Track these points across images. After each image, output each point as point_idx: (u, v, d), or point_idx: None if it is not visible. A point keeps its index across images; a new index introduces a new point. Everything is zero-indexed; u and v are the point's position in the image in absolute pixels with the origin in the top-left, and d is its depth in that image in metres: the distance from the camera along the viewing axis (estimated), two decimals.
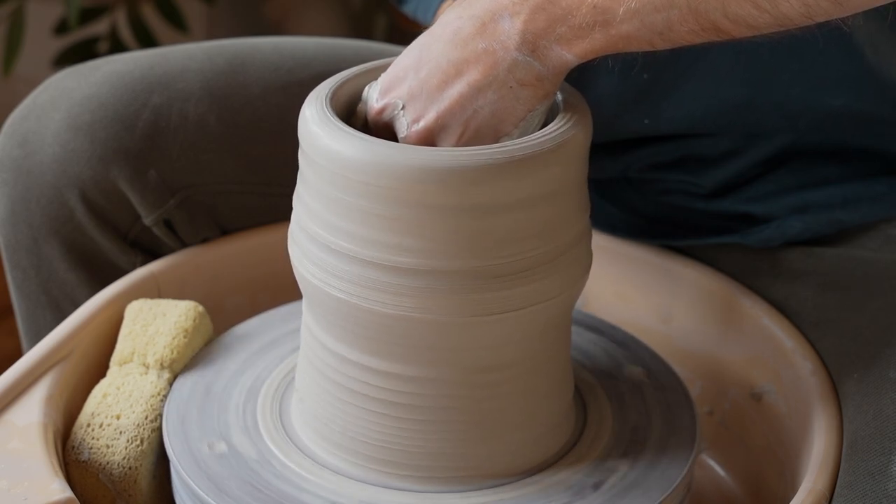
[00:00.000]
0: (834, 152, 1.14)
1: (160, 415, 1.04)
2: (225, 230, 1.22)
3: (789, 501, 0.97)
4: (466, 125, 0.94)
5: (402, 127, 0.96)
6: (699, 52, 1.08)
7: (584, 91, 0.99)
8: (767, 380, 1.13)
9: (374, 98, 0.97)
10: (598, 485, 0.98)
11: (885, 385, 1.00)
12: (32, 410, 1.01)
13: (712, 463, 1.19)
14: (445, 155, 0.91)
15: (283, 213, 1.21)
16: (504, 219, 0.91)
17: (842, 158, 1.14)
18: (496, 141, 0.94)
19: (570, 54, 0.91)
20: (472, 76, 0.93)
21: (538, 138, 0.93)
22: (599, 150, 1.17)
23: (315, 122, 0.94)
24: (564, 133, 0.94)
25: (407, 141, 0.96)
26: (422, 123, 0.95)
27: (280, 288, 1.21)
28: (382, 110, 0.97)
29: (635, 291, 1.20)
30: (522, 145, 0.92)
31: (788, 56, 1.07)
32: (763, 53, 1.08)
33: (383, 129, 0.98)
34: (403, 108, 0.96)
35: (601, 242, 1.20)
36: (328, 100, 0.96)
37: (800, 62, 1.08)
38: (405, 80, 0.96)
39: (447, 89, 0.94)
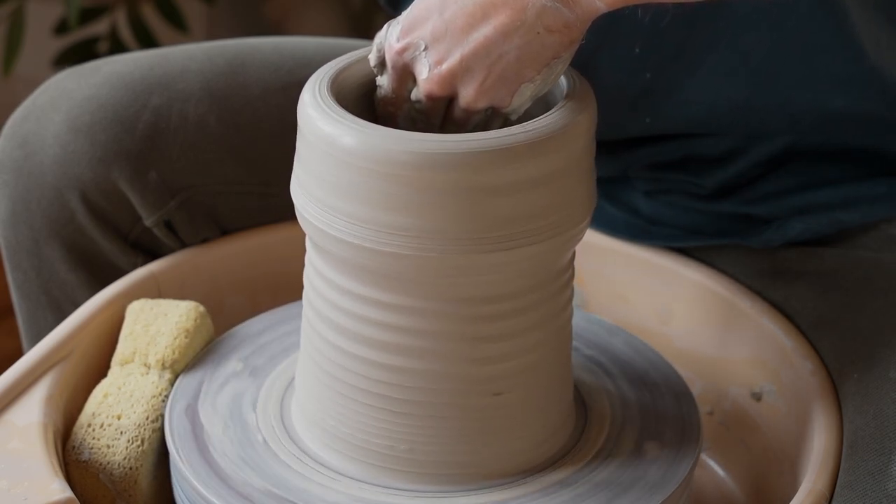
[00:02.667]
0: (835, 153, 1.14)
1: (161, 415, 1.04)
2: (225, 230, 1.22)
3: (789, 501, 0.97)
4: (490, 70, 0.93)
5: (424, 68, 0.94)
6: (702, 52, 1.08)
7: None
8: (767, 380, 1.13)
9: (395, 37, 0.96)
10: (598, 485, 0.98)
11: (885, 385, 1.00)
12: (32, 410, 1.01)
13: (712, 463, 1.19)
14: (443, 141, 0.90)
15: (283, 214, 1.21)
16: (504, 203, 0.91)
17: (842, 159, 1.14)
18: (518, 87, 0.93)
19: (600, 1, 0.89)
20: (499, 20, 0.91)
21: (542, 123, 0.92)
22: (600, 149, 1.16)
23: (313, 107, 0.94)
24: (568, 118, 0.93)
25: (429, 82, 0.94)
26: (445, 66, 0.93)
27: (280, 288, 1.21)
28: (404, 50, 0.95)
29: (635, 292, 1.20)
30: (525, 132, 0.91)
31: (791, 57, 1.07)
32: (765, 54, 1.08)
33: (401, 70, 0.96)
34: (426, 48, 0.94)
35: (601, 243, 1.20)
36: (328, 84, 0.96)
37: (802, 63, 1.08)
38: (428, 20, 0.93)
39: (473, 32, 0.92)
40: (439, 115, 0.98)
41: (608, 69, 1.09)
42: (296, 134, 0.97)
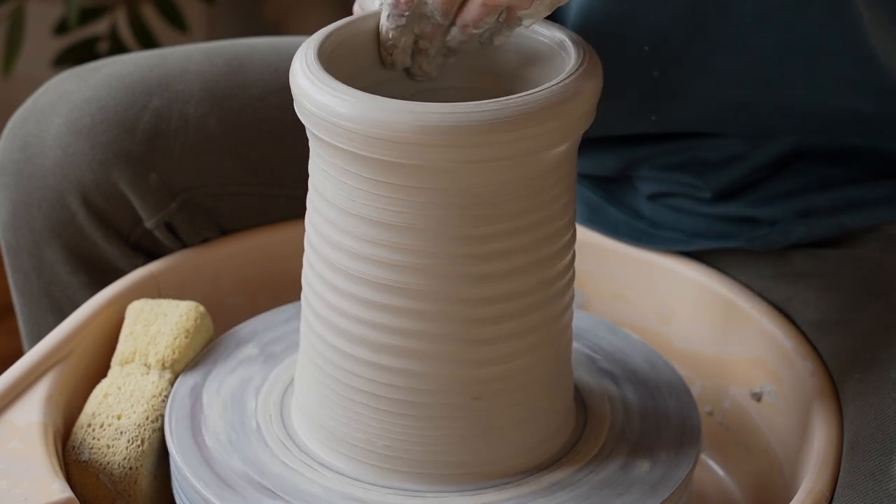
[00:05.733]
0: (838, 154, 1.14)
1: (161, 415, 1.04)
2: (225, 231, 1.22)
3: (789, 501, 0.97)
4: None
5: None
6: (711, 52, 1.08)
7: None
8: (767, 380, 1.13)
9: None
10: (598, 485, 0.98)
11: (886, 385, 1.00)
12: (32, 410, 1.01)
13: (712, 463, 1.19)
14: (437, 111, 0.89)
15: (283, 214, 1.21)
16: (497, 174, 0.91)
17: (845, 160, 1.14)
18: None
19: None
20: None
21: (543, 90, 0.91)
22: (603, 146, 1.17)
23: (303, 75, 0.93)
24: (571, 88, 0.92)
25: None
26: None
27: (280, 288, 1.21)
28: None
29: (635, 292, 1.20)
30: (521, 98, 0.90)
31: (800, 58, 1.07)
32: (774, 55, 1.08)
33: None
34: None
35: (601, 243, 1.20)
36: (316, 51, 0.95)
37: (811, 64, 1.08)
38: None
39: None
40: (451, 14, 0.96)
41: (615, 66, 1.08)
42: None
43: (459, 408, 0.96)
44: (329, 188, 0.94)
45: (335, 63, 0.95)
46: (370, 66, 1.00)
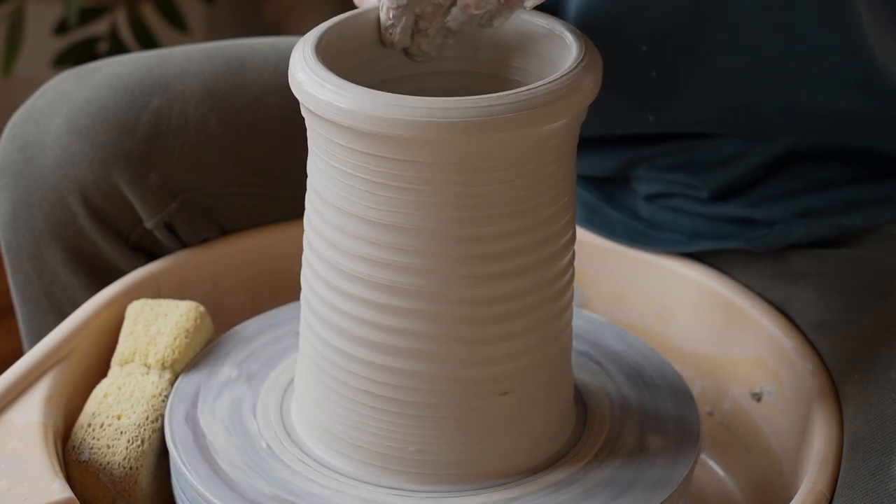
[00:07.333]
0: (837, 154, 1.14)
1: (161, 415, 1.04)
2: (225, 231, 1.22)
3: (789, 501, 0.97)
4: None
5: None
6: (710, 53, 1.08)
7: None
8: (767, 380, 1.13)
9: None
10: (597, 485, 0.98)
11: (886, 385, 1.00)
12: (32, 410, 1.01)
13: (712, 463, 1.19)
14: (433, 105, 0.89)
15: (283, 214, 1.21)
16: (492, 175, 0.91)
17: (844, 160, 1.14)
18: None
19: None
20: None
21: (542, 86, 0.91)
22: (602, 146, 1.17)
23: (300, 69, 0.93)
24: (570, 84, 0.92)
25: None
26: None
27: (280, 288, 1.21)
28: None
29: (635, 292, 1.20)
30: (518, 96, 0.90)
31: (799, 58, 1.08)
32: (774, 55, 1.08)
33: None
34: None
35: (601, 243, 1.20)
36: (314, 45, 0.95)
37: (811, 64, 1.08)
38: None
39: None
40: None
41: (614, 67, 1.08)
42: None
43: (459, 407, 0.96)
44: (327, 184, 0.94)
45: (332, 54, 0.95)
46: (368, 57, 1.00)
